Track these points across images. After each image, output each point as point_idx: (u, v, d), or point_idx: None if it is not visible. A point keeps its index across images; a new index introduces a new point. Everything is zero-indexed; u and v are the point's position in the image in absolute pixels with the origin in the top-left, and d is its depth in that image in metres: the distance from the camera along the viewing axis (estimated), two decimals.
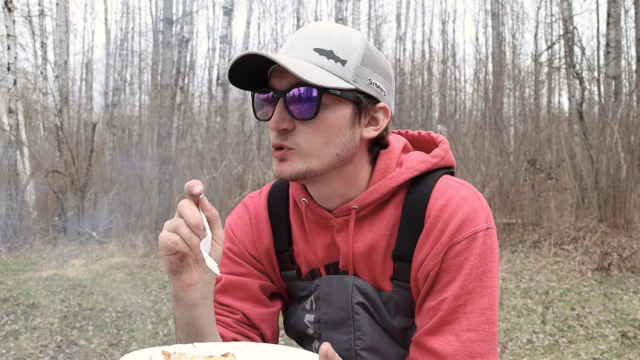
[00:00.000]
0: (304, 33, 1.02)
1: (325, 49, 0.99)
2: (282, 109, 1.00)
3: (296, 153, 1.02)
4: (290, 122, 1.01)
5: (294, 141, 1.01)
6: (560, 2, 12.47)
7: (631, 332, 4.57)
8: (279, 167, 1.03)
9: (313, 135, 1.01)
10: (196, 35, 24.16)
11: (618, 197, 8.44)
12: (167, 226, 0.93)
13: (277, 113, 1.00)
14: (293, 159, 1.02)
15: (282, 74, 1.01)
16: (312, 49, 0.99)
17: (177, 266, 0.96)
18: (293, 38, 1.03)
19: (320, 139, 1.01)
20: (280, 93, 1.00)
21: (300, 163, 1.02)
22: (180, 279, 0.97)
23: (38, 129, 13.80)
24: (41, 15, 14.40)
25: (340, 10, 12.49)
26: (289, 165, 1.02)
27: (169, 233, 0.92)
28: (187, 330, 1.04)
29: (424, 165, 1.08)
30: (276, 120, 1.00)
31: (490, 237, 1.02)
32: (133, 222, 10.19)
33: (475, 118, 14.24)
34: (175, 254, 0.94)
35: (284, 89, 1.00)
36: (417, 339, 1.02)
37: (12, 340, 4.65)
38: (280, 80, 1.01)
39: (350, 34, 1.02)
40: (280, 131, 1.01)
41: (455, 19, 32.51)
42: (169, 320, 5.30)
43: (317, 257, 1.13)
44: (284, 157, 1.02)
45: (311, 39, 1.01)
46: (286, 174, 1.02)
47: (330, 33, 1.01)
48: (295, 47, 1.01)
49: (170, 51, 11.39)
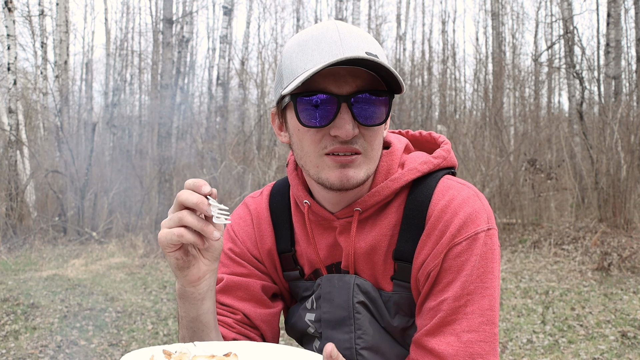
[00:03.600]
0: (346, 34, 0.97)
1: (373, 53, 0.97)
2: (349, 115, 0.97)
3: (360, 158, 1.00)
4: (356, 127, 0.99)
5: (361, 145, 1.00)
6: (560, 2, 12.47)
7: (631, 332, 4.57)
8: (344, 174, 1.00)
9: (374, 139, 1.01)
10: (196, 35, 24.17)
11: (618, 197, 8.44)
12: (167, 224, 0.92)
13: (348, 120, 0.96)
14: (357, 165, 1.00)
15: (342, 77, 0.97)
16: (365, 53, 0.95)
17: (183, 262, 0.96)
18: (335, 37, 0.97)
19: (379, 142, 1.02)
20: (344, 98, 0.96)
21: (363, 169, 1.01)
22: (188, 274, 0.97)
23: (38, 129, 13.80)
24: (41, 15, 14.40)
25: (340, 10, 12.49)
26: (354, 172, 1.00)
27: (171, 229, 0.91)
28: (194, 327, 1.04)
29: (426, 166, 1.09)
30: (351, 128, 0.96)
31: (491, 237, 1.02)
32: (133, 222, 10.19)
33: (475, 118, 14.24)
34: (179, 249, 0.94)
35: (345, 93, 0.96)
36: (418, 339, 1.03)
37: (12, 340, 4.65)
38: (340, 84, 0.96)
39: (372, 37, 1.03)
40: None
41: (455, 19, 32.51)
42: (169, 320, 5.29)
43: (319, 258, 1.13)
44: (349, 164, 1.00)
45: (358, 41, 0.97)
46: (353, 182, 1.00)
47: (366, 35, 1.00)
48: (349, 49, 0.95)
49: (170, 51, 11.39)
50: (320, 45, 0.96)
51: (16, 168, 9.78)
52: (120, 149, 15.10)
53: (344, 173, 0.99)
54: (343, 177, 0.99)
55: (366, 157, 1.01)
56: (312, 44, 0.98)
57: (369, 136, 1.00)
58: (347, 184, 1.00)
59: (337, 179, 1.00)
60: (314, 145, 1.00)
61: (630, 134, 8.79)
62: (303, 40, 0.99)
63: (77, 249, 8.88)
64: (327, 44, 0.96)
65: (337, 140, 0.98)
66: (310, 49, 0.97)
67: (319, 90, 0.97)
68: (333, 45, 0.96)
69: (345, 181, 0.99)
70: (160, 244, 0.93)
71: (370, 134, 1.00)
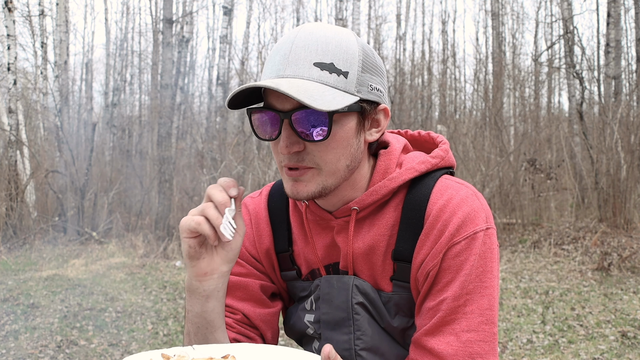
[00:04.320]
0: (299, 45, 0.97)
1: (326, 62, 0.96)
2: (290, 131, 0.97)
3: (311, 172, 1.00)
4: (300, 143, 0.98)
5: (311, 160, 0.99)
6: (560, 2, 12.47)
7: (631, 332, 4.57)
8: (294, 187, 1.01)
9: (326, 153, 0.99)
10: (196, 35, 24.15)
11: (618, 197, 8.44)
12: (192, 211, 0.97)
13: (286, 136, 0.97)
14: (308, 179, 1.01)
15: (283, 93, 0.96)
16: (312, 64, 0.95)
17: (195, 251, 0.98)
18: (287, 49, 0.97)
19: (332, 155, 1.00)
20: (284, 115, 0.96)
21: (315, 183, 1.01)
22: (196, 265, 0.99)
23: (38, 129, 13.79)
24: (41, 15, 14.40)
25: (341, 10, 12.49)
26: (304, 186, 1.01)
27: (194, 216, 0.96)
28: (198, 323, 1.05)
29: (423, 166, 1.08)
30: (287, 145, 0.97)
31: (490, 237, 1.02)
32: (133, 222, 10.19)
33: (475, 118, 14.23)
34: (196, 237, 0.97)
35: (287, 109, 0.96)
36: (417, 339, 1.03)
37: (12, 340, 4.65)
38: (282, 102, 0.97)
39: (345, 40, 0.99)
40: (292, 153, 0.99)
41: (455, 19, 32.49)
42: (169, 320, 5.30)
43: (317, 258, 1.14)
44: (298, 177, 1.01)
45: (308, 52, 0.96)
46: (302, 194, 1.01)
47: (326, 42, 0.97)
48: (294, 62, 0.96)
49: (170, 51, 11.39)
50: (275, 58, 0.99)
51: (16, 168, 9.78)
52: (120, 149, 15.10)
53: (295, 186, 1.02)
54: (294, 189, 1.02)
55: (321, 170, 1.00)
56: (272, 56, 1.00)
57: (318, 151, 0.99)
58: (298, 196, 1.02)
59: (289, 190, 1.03)
60: (275, 156, 1.05)
61: (630, 134, 8.79)
62: (271, 50, 1.02)
63: (77, 249, 8.88)
64: (279, 56, 0.98)
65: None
66: (269, 61, 1.00)
67: (267, 106, 0.99)
68: (282, 59, 0.97)
69: (295, 194, 1.02)
70: (180, 228, 0.97)
71: (319, 149, 0.99)
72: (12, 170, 9.67)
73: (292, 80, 0.94)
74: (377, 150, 1.14)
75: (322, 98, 0.92)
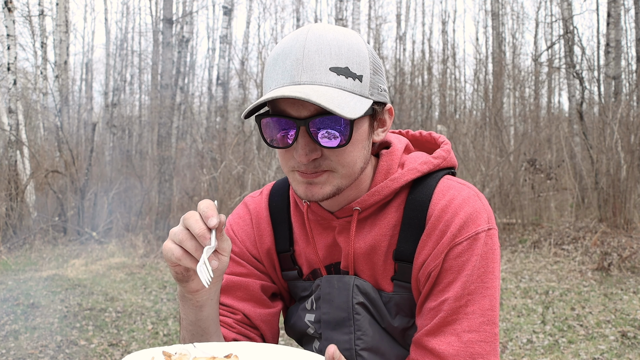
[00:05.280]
0: (312, 49, 0.94)
1: (341, 67, 0.94)
2: (308, 138, 0.96)
3: (326, 174, 1.00)
4: (318, 150, 0.97)
5: (328, 165, 0.99)
6: (560, 2, 12.47)
7: (631, 332, 4.57)
8: (309, 190, 1.01)
9: (343, 157, 0.99)
10: (196, 35, 24.16)
11: (618, 197, 8.44)
12: (172, 237, 0.93)
13: (304, 144, 0.96)
14: (323, 181, 1.00)
15: (299, 100, 0.94)
16: (328, 69, 0.94)
17: (183, 276, 0.98)
18: (299, 54, 0.95)
19: (350, 159, 1.00)
20: (302, 122, 0.94)
21: (330, 185, 1.00)
22: (186, 286, 0.99)
23: (38, 129, 13.80)
24: (41, 15, 14.40)
25: (341, 10, 12.49)
26: (319, 188, 1.00)
27: (173, 246, 0.92)
28: (192, 330, 1.05)
29: (425, 166, 1.08)
30: (306, 153, 0.96)
31: (491, 237, 1.02)
32: (133, 222, 10.19)
33: (475, 118, 14.24)
34: (180, 265, 0.95)
35: (304, 116, 0.94)
36: (418, 339, 1.02)
37: (12, 340, 4.65)
38: (298, 109, 0.95)
39: (355, 42, 0.98)
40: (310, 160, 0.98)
41: (455, 19, 32.52)
42: (169, 320, 5.30)
43: (318, 258, 1.13)
44: (313, 180, 1.00)
45: (322, 56, 0.94)
46: (317, 197, 1.01)
47: (338, 46, 0.95)
48: (309, 68, 0.94)
49: (170, 51, 11.39)
50: (285, 63, 0.95)
51: (16, 168, 9.77)
52: (120, 149, 15.10)
53: (309, 189, 1.01)
54: (308, 192, 1.01)
55: (336, 173, 1.00)
56: (280, 60, 0.96)
57: (334, 156, 0.98)
58: (313, 198, 1.01)
59: (303, 193, 1.01)
60: (284, 162, 1.02)
61: (630, 134, 8.79)
62: (276, 54, 0.98)
63: (77, 249, 8.88)
64: (290, 61, 0.95)
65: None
66: (277, 65, 0.97)
67: (280, 113, 0.96)
68: (294, 64, 0.94)
69: (310, 196, 1.01)
70: (164, 256, 0.94)
71: (336, 154, 0.98)
72: (12, 170, 9.66)
73: (314, 87, 0.92)
74: (379, 150, 1.14)
75: (347, 105, 0.92)
